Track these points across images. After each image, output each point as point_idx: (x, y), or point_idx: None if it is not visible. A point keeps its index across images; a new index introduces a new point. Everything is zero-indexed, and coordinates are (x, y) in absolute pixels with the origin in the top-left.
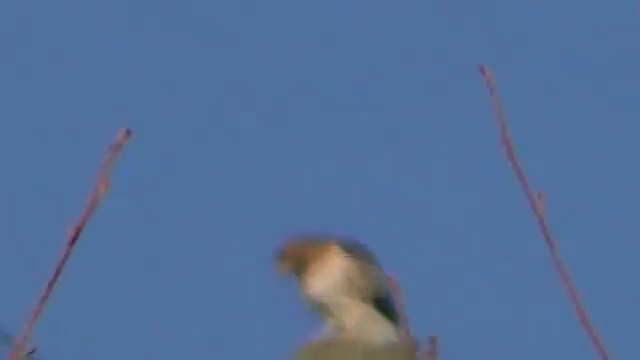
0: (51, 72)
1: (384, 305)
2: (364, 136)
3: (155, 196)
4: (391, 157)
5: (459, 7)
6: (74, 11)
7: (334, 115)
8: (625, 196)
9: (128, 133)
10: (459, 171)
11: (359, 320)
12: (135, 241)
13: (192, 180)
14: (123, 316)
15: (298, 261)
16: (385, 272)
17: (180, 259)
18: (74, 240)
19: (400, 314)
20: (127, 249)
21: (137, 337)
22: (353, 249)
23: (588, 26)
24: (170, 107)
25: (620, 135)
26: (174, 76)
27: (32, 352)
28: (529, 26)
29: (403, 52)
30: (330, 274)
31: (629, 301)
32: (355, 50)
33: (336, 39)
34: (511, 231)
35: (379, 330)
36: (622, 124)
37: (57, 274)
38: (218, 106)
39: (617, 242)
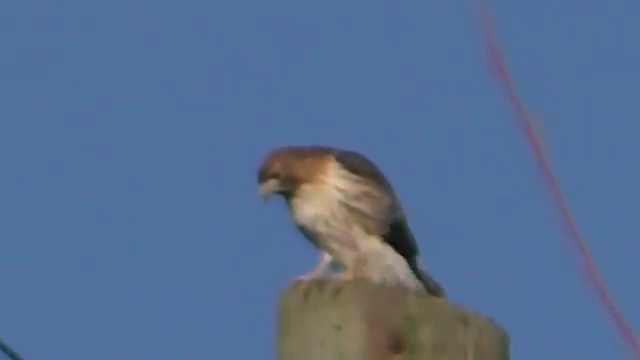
0: None
1: (396, 238)
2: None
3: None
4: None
5: None
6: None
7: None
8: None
9: None
10: (434, 88)
11: (361, 255)
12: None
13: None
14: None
15: (287, 180)
16: (397, 196)
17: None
18: None
19: (416, 250)
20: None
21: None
22: (357, 165)
23: None
24: None
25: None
26: None
27: None
28: None
29: None
30: (327, 196)
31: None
32: None
33: None
34: (500, 167)
35: (387, 268)
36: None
37: None
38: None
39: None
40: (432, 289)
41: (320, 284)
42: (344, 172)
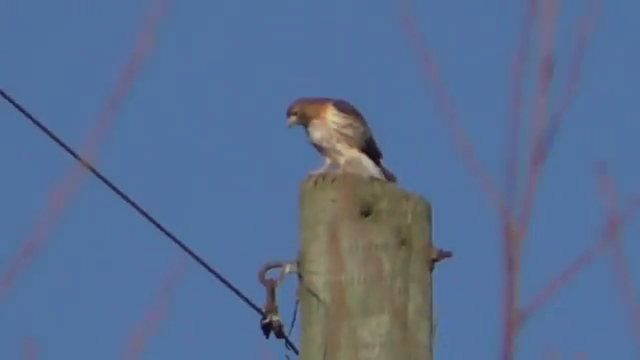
0: None
1: (368, 149)
2: None
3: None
4: None
5: None
6: None
7: None
8: None
9: None
10: None
11: (348, 160)
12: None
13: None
14: None
15: (302, 116)
16: (368, 126)
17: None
18: None
19: (380, 154)
20: None
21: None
22: (345, 108)
23: None
24: None
25: None
26: None
27: None
28: None
29: None
30: (327, 126)
31: None
32: None
33: None
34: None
35: (362, 167)
36: None
37: None
38: None
39: None
40: (389, 177)
41: (324, 176)
42: (337, 112)
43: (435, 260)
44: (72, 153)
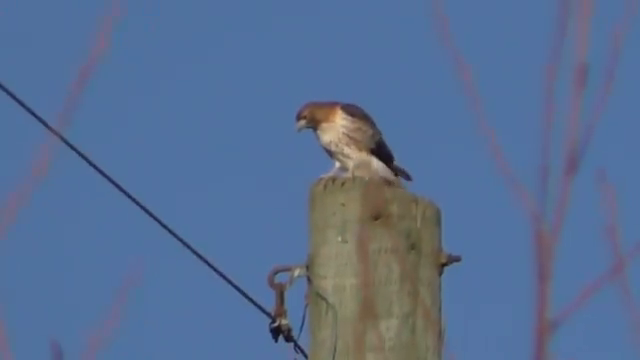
0: None
1: (378, 152)
2: None
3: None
4: None
5: None
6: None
7: None
8: None
9: None
10: None
11: (357, 163)
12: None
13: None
14: None
15: (311, 120)
16: (378, 127)
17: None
18: None
19: (392, 157)
20: None
21: None
22: (353, 112)
23: None
24: None
25: None
26: None
27: None
28: None
29: None
30: (336, 130)
31: None
32: None
33: None
34: None
35: (372, 170)
36: None
37: None
38: None
39: None
40: (405, 176)
41: (333, 179)
42: (346, 116)
43: (444, 264)
44: (99, 170)
